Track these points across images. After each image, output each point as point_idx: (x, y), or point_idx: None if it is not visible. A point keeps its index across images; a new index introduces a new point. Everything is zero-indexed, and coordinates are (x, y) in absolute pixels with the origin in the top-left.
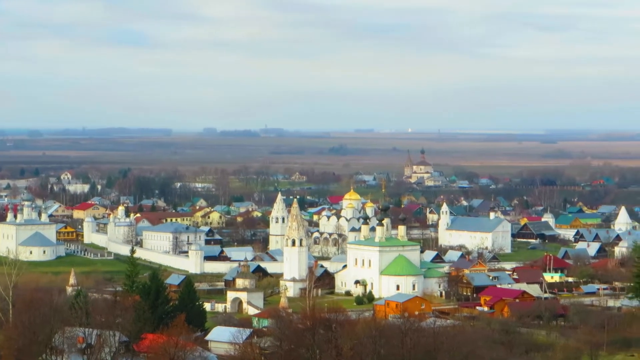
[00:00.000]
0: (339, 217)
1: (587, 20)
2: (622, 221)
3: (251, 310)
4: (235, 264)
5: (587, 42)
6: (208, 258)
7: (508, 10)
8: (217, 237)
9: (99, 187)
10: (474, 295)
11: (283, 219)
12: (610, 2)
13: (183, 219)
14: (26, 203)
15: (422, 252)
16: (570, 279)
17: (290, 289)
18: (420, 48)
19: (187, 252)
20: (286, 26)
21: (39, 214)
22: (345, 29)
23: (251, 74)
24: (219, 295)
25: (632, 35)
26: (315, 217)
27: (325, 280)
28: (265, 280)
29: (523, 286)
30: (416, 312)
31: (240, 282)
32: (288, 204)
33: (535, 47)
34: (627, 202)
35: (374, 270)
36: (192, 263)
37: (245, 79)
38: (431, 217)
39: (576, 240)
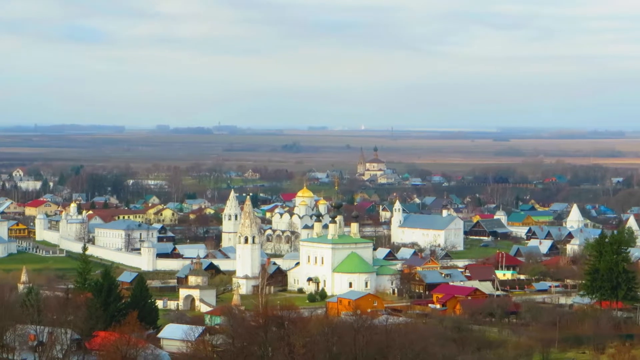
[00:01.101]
0: (291, 214)
1: (539, 19)
2: (574, 219)
3: (204, 308)
4: (188, 262)
5: (540, 40)
6: (160, 255)
7: (462, 9)
8: (170, 234)
9: (51, 184)
10: (427, 292)
11: (236, 216)
12: (562, 1)
13: (135, 216)
14: None
15: (374, 249)
16: (522, 277)
17: (242, 287)
18: (374, 46)
19: (139, 249)
20: (240, 23)
21: None
22: (299, 26)
23: (204, 71)
24: (172, 292)
25: (584, 33)
26: (268, 215)
27: (278, 277)
28: (217, 278)
29: (475, 283)
30: (368, 310)
31: (192, 280)
32: (241, 201)
33: (489, 45)
34: (579, 199)
35: (326, 267)
36: (144, 260)
37: (199, 76)
38: (384, 215)
39: (528, 238)
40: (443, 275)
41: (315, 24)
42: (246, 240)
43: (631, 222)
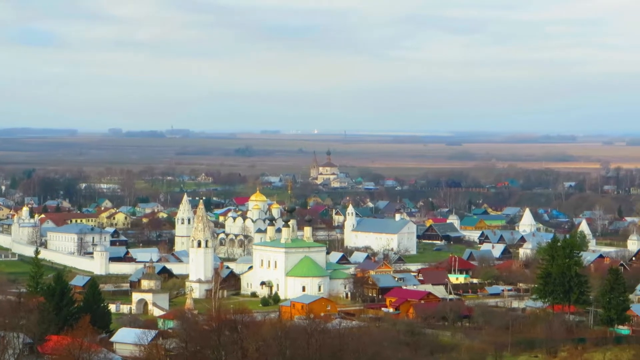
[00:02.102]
0: (244, 218)
1: (494, 23)
2: (526, 223)
3: (156, 312)
4: (141, 265)
5: (494, 44)
6: (113, 259)
7: (416, 13)
8: (123, 238)
9: (3, 187)
10: (380, 296)
11: (189, 220)
12: (518, 5)
13: (88, 220)
14: None
15: (327, 253)
16: (475, 280)
17: (195, 290)
18: (328, 49)
19: (92, 253)
20: (193, 27)
21: None
22: (253, 30)
23: (157, 75)
24: (124, 296)
25: (538, 38)
26: (221, 218)
27: (231, 281)
28: (170, 282)
29: (428, 287)
30: (322, 314)
31: (145, 284)
32: (194, 205)
33: (443, 49)
34: (531, 203)
35: (279, 271)
36: (97, 264)
37: (152, 79)
38: (337, 219)
39: (481, 242)
40: (396, 279)
41: (270, 28)
42: (199, 244)
43: (583, 226)
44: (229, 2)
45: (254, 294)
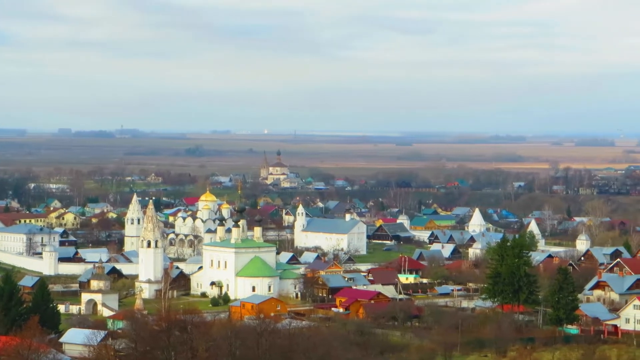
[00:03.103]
0: (194, 218)
1: (446, 24)
2: (475, 223)
3: (106, 312)
4: (90, 266)
5: (446, 45)
6: (62, 259)
7: (368, 13)
8: (72, 238)
9: None
10: (330, 296)
11: (138, 220)
12: (469, 6)
13: (37, 220)
14: None
15: (277, 253)
16: (424, 280)
17: (145, 291)
18: (279, 50)
19: (41, 253)
20: (145, 27)
21: None
22: (204, 30)
23: (108, 74)
24: (74, 297)
25: (489, 39)
26: (171, 219)
27: (181, 281)
28: (120, 282)
29: (378, 287)
30: (272, 314)
31: (95, 284)
32: (143, 205)
33: (395, 50)
34: (480, 204)
35: (229, 271)
36: (46, 264)
37: (102, 79)
38: (287, 219)
39: (431, 242)
40: (346, 279)
41: (222, 28)
42: (149, 244)
43: (532, 226)
44: (182, 2)
45: (203, 294)
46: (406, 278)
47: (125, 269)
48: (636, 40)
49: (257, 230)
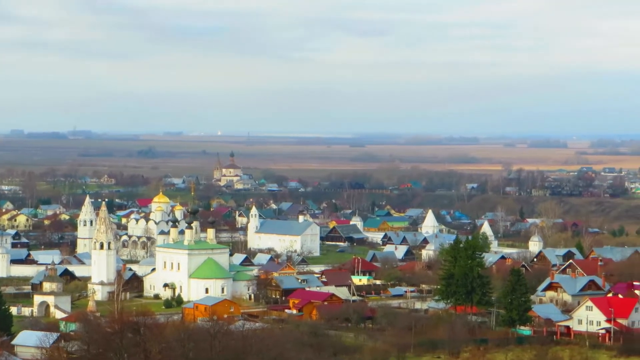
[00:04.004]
0: (147, 220)
1: (403, 26)
2: (429, 224)
3: (58, 314)
4: (43, 268)
5: (403, 47)
6: (14, 261)
7: (325, 15)
8: (24, 240)
9: None
10: (283, 298)
11: (91, 222)
12: (427, 8)
13: None
14: None
15: (231, 255)
16: (378, 282)
17: (98, 293)
18: (234, 51)
19: None
20: (99, 28)
21: None
22: (158, 31)
23: (61, 75)
24: (26, 299)
25: (444, 41)
26: (124, 220)
27: (134, 283)
28: (73, 284)
29: (331, 289)
30: (225, 315)
31: (47, 286)
32: (96, 207)
33: (350, 51)
34: (433, 205)
35: (182, 273)
36: None
37: (55, 80)
38: (240, 220)
39: (384, 243)
40: (299, 280)
41: (175, 29)
42: (102, 246)
43: (485, 228)
44: (137, 3)
45: (156, 296)
46: (359, 279)
47: (78, 270)
48: (588, 42)
49: (210, 232)
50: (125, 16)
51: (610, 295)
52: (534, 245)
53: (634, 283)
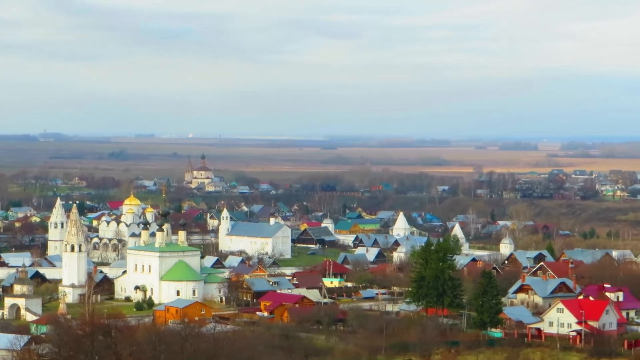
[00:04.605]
0: (118, 222)
1: (375, 28)
2: (400, 226)
3: (29, 317)
4: (13, 270)
5: (375, 49)
6: None
7: (298, 17)
8: None
9: None
10: (254, 300)
11: (62, 224)
12: (400, 10)
13: None
14: None
15: (202, 257)
16: (349, 284)
17: (69, 295)
18: (207, 53)
19: None
20: (70, 29)
21: None
22: (130, 32)
23: (32, 77)
24: None
25: (415, 43)
26: (95, 223)
27: (105, 286)
28: (43, 286)
29: (303, 291)
30: (196, 318)
31: (18, 288)
32: (67, 209)
33: (323, 54)
34: (405, 207)
35: (154, 275)
36: None
37: (25, 81)
38: (212, 223)
39: (355, 246)
40: (271, 283)
41: (148, 31)
42: (72, 249)
43: (456, 230)
44: (108, 4)
45: (128, 299)
46: (331, 282)
47: (48, 273)
48: (560, 45)
49: (182, 234)
50: (97, 18)
51: (581, 297)
52: (505, 248)
53: (605, 285)
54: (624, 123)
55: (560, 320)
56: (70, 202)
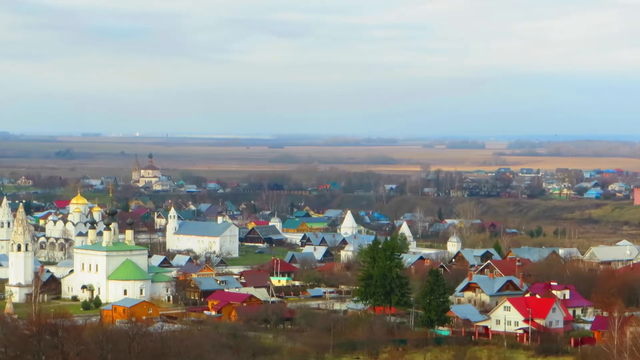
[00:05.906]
0: (65, 221)
1: (322, 27)
2: (347, 225)
3: None
4: None
5: (321, 48)
6: None
7: (245, 16)
8: None
9: None
10: (202, 299)
11: (8, 223)
12: (346, 9)
13: None
14: None
15: (149, 256)
16: (297, 283)
17: (15, 295)
18: (154, 52)
19: None
20: (16, 28)
21: None
22: (77, 31)
23: None
24: None
25: (364, 42)
26: (41, 222)
27: (52, 285)
28: None
29: (250, 290)
30: (144, 317)
31: None
32: (14, 209)
33: (271, 53)
34: (352, 206)
35: (101, 275)
36: None
37: None
38: (159, 222)
39: (303, 244)
40: (218, 282)
41: (95, 30)
42: (19, 248)
43: (404, 228)
44: (54, 3)
45: (75, 298)
46: (278, 280)
47: None
48: (505, 44)
49: (129, 233)
50: (44, 16)
51: (527, 295)
52: (452, 246)
53: (552, 283)
54: (570, 121)
55: (507, 318)
56: (17, 201)
